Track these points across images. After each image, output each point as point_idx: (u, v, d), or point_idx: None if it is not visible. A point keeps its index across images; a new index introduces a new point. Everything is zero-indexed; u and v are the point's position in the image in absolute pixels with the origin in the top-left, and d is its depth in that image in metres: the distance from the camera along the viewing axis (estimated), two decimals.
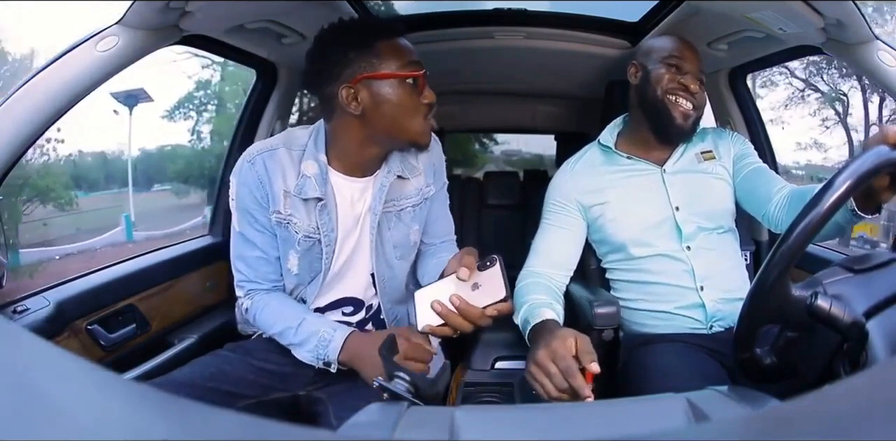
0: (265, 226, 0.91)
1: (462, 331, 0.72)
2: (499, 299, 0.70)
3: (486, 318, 0.71)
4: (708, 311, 1.02)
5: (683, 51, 1.07)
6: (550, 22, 1.53)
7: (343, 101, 0.83)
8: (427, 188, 0.98)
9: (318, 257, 0.92)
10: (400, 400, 0.52)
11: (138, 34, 0.88)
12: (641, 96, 1.09)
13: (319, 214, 0.88)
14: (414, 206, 0.97)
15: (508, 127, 2.74)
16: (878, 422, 0.19)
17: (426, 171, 0.97)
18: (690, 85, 1.04)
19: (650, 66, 1.08)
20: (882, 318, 0.55)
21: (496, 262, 0.72)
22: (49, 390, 0.21)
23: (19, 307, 0.91)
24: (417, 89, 0.85)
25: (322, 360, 0.86)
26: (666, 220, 1.05)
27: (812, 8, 0.95)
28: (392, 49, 0.84)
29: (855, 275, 0.62)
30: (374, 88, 0.83)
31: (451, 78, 1.91)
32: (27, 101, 0.82)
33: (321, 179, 0.88)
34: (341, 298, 0.98)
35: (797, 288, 0.59)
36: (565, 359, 0.70)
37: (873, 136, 0.65)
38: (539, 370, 0.73)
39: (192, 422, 0.22)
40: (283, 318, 0.91)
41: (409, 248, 0.99)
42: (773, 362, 0.63)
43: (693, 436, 0.26)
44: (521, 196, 2.33)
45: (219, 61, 3.78)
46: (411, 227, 0.98)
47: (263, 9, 1.08)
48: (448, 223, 1.07)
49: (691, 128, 1.06)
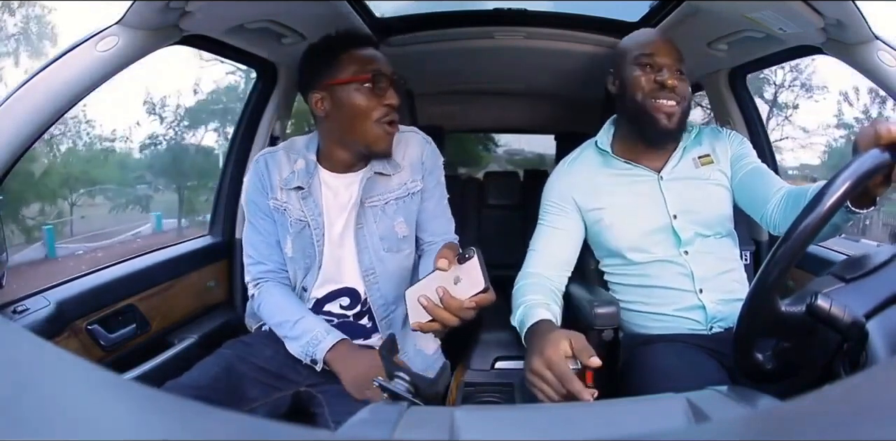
0: (266, 213, 1.03)
1: (448, 325, 0.74)
2: (479, 290, 0.71)
3: (467, 311, 0.72)
4: (708, 312, 1.01)
5: (654, 44, 1.04)
6: (550, 22, 1.53)
7: (313, 106, 0.98)
8: (412, 183, 1.04)
9: (309, 242, 1.01)
10: (400, 400, 0.52)
11: (138, 34, 0.88)
12: (623, 104, 1.07)
13: (304, 202, 1.00)
14: (398, 200, 1.02)
15: (508, 127, 2.75)
16: (878, 422, 0.19)
17: (412, 167, 1.04)
18: (668, 81, 1.00)
19: (624, 71, 1.06)
20: (882, 318, 0.55)
21: (474, 254, 0.73)
22: (49, 390, 0.21)
23: (19, 307, 0.91)
24: (375, 93, 0.94)
25: (310, 356, 0.93)
26: (664, 227, 1.04)
27: (812, 8, 0.95)
28: (351, 58, 0.96)
29: (847, 284, 0.62)
30: (335, 93, 0.96)
31: (451, 78, 1.91)
32: (27, 101, 0.82)
33: (306, 173, 1.01)
34: (339, 289, 1.03)
35: (786, 304, 0.60)
36: (559, 365, 0.71)
37: (865, 135, 0.64)
38: (536, 378, 0.73)
39: (191, 422, 0.22)
40: (283, 311, 0.99)
41: (396, 241, 1.03)
42: (774, 367, 0.63)
43: (693, 436, 0.26)
44: (521, 196, 2.33)
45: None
46: (395, 219, 1.02)
47: (263, 9, 1.08)
48: (447, 222, 1.09)
49: (677, 126, 1.04)
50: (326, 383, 0.96)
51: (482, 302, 0.72)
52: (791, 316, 0.59)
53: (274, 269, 1.05)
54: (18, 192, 4.16)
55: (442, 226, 1.08)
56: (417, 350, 1.05)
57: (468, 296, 0.71)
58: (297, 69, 1.01)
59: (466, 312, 0.73)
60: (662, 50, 1.03)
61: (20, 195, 4.22)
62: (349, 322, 1.04)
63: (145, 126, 5.39)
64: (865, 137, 0.63)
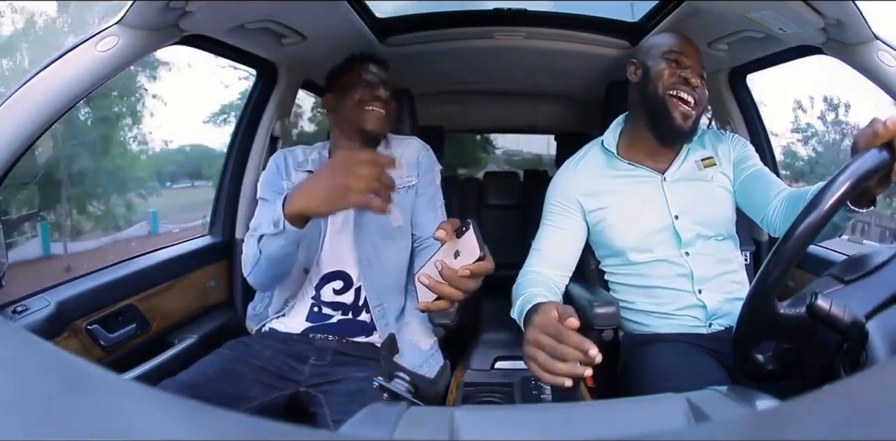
0: (280, 192, 1.08)
1: (453, 299, 0.71)
2: (475, 259, 0.69)
3: (464, 280, 0.69)
4: (708, 309, 1.02)
5: (684, 46, 1.06)
6: (550, 22, 1.53)
7: (325, 103, 1.19)
8: (407, 178, 1.14)
9: (315, 224, 0.99)
10: (400, 400, 0.52)
11: (138, 34, 0.88)
12: (642, 94, 1.07)
13: None
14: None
15: (508, 127, 2.74)
16: (878, 422, 0.19)
17: (408, 164, 1.16)
18: (691, 78, 1.01)
19: (650, 62, 1.06)
20: (882, 318, 0.55)
21: (470, 226, 0.72)
22: (49, 390, 0.21)
23: (19, 307, 0.91)
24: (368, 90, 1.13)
25: (275, 223, 0.86)
26: (665, 227, 1.05)
27: (812, 8, 0.95)
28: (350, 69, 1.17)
29: (846, 285, 0.62)
30: (338, 90, 1.16)
31: (451, 78, 1.91)
32: (27, 101, 0.82)
33: (319, 162, 1.16)
34: (333, 271, 1.09)
35: (785, 306, 0.60)
36: (552, 325, 0.65)
37: (863, 135, 0.63)
38: (532, 347, 0.67)
39: (191, 422, 0.22)
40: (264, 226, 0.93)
41: (391, 230, 1.11)
42: (774, 368, 0.63)
43: (693, 436, 0.26)
44: (521, 196, 2.33)
45: None
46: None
47: (263, 9, 1.08)
48: (434, 218, 1.14)
49: (691, 129, 1.04)
50: (326, 384, 0.96)
51: (478, 270, 0.70)
52: (790, 318, 0.59)
53: None
54: (121, 183, 5.12)
55: (433, 221, 1.10)
56: (413, 344, 1.07)
57: (465, 266, 0.70)
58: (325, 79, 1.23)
59: (465, 282, 0.70)
60: (691, 53, 1.06)
61: (123, 185, 5.18)
62: (349, 320, 1.05)
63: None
64: (864, 137, 0.63)
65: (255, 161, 1.46)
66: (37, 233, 4.27)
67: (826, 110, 3.71)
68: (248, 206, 1.45)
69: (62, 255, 4.11)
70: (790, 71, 1.12)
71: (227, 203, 1.45)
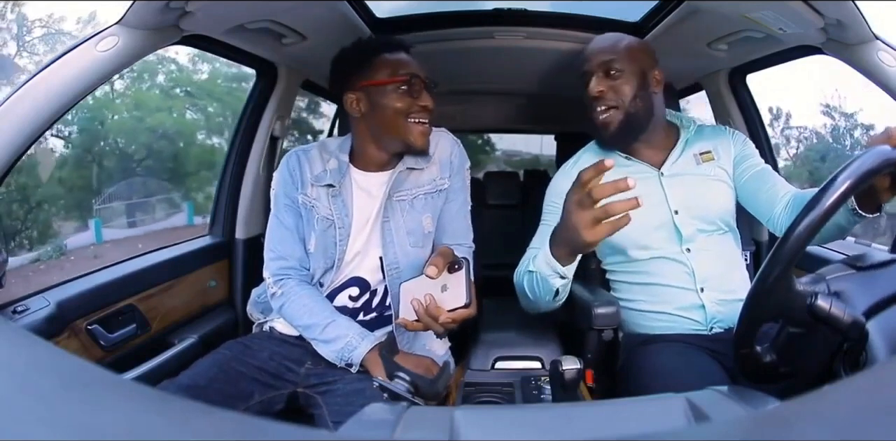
0: (294, 208, 1.04)
1: (432, 330, 0.77)
2: (459, 305, 0.73)
3: (447, 323, 0.74)
4: (708, 312, 1.01)
5: (587, 55, 1.09)
6: (550, 22, 1.53)
7: (349, 106, 1.01)
8: (441, 180, 1.06)
9: (332, 242, 1.01)
10: (400, 400, 0.52)
11: (138, 34, 0.88)
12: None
13: (333, 200, 1.01)
14: (426, 195, 1.04)
15: (509, 127, 2.74)
16: (878, 422, 0.19)
17: (441, 163, 1.07)
18: (595, 90, 1.05)
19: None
20: (882, 318, 0.55)
21: (463, 266, 0.74)
22: (49, 390, 0.21)
23: (19, 307, 0.91)
24: (410, 95, 0.97)
25: (345, 361, 0.93)
26: (665, 223, 1.05)
27: (812, 8, 0.95)
28: (386, 61, 0.99)
29: (858, 272, 0.62)
30: (371, 95, 0.98)
31: (451, 78, 1.90)
32: (27, 101, 0.82)
33: (338, 172, 1.03)
34: (349, 279, 1.03)
35: (801, 283, 0.59)
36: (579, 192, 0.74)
37: (876, 136, 0.65)
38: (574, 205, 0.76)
39: (191, 422, 0.22)
40: (311, 313, 0.97)
41: (422, 236, 1.04)
42: (773, 360, 0.63)
43: (693, 436, 0.26)
44: (521, 196, 2.33)
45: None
46: (423, 214, 1.04)
47: (263, 9, 1.08)
48: (466, 229, 1.10)
49: (619, 130, 1.05)
50: (324, 384, 0.96)
51: (459, 317, 0.74)
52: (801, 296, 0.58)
53: (295, 267, 1.03)
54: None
55: (460, 230, 1.08)
56: (427, 351, 1.04)
57: (450, 307, 0.74)
58: (330, 72, 1.04)
59: (446, 324, 0.75)
60: (593, 59, 1.09)
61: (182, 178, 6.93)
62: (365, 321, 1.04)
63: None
64: (877, 138, 0.65)
65: (255, 161, 1.46)
66: (182, 209, 6.73)
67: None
68: (248, 206, 1.45)
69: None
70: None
71: (228, 203, 1.45)
